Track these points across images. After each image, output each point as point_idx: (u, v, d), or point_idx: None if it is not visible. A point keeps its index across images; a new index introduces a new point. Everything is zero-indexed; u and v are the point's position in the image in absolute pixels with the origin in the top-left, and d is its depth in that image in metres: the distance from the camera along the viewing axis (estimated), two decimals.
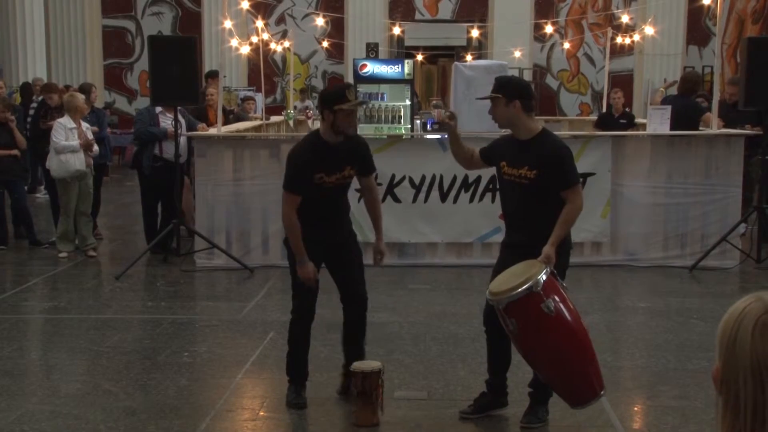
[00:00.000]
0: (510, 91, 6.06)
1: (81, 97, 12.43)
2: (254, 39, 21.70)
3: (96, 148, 12.16)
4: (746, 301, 1.92)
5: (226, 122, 13.14)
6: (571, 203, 5.99)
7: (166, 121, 11.97)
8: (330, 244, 6.57)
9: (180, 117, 11.85)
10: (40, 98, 14.96)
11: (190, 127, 12.23)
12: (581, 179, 11.00)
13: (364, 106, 16.13)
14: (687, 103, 12.73)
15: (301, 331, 6.62)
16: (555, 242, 5.91)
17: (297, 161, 6.39)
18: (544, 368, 5.84)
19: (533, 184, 5.97)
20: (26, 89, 18.37)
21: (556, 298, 5.66)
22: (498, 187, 6.48)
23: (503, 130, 6.49)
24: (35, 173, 17.80)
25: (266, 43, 22.00)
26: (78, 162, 11.84)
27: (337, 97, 6.34)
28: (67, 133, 11.84)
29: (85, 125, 12.15)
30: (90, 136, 12.07)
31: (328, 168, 6.37)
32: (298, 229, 6.31)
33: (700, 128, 12.22)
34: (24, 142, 13.02)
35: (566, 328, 5.66)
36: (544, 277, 5.66)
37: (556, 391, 5.90)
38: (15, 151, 12.70)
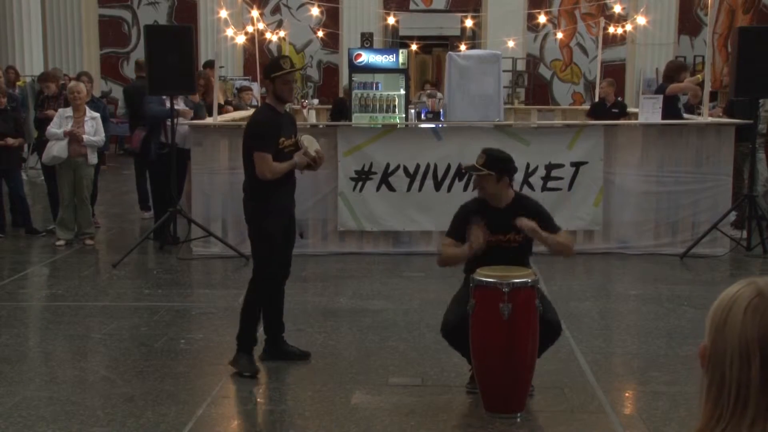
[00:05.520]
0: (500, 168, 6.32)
1: (83, 85, 12.46)
2: (250, 29, 21.72)
3: (87, 138, 12.05)
4: (740, 284, 1.96)
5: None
6: (569, 241, 6.40)
7: (176, 107, 12.02)
8: (290, 214, 7.15)
9: (184, 105, 11.97)
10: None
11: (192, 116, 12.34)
12: (575, 167, 11.28)
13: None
14: (659, 88, 13.46)
15: (270, 295, 7.14)
16: (540, 234, 6.16)
17: (264, 124, 6.99)
18: (475, 357, 6.19)
19: (523, 244, 6.34)
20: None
21: (520, 308, 5.95)
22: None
23: (495, 119, 6.65)
24: None
25: (262, 33, 22.03)
26: (57, 149, 11.88)
27: (274, 67, 6.97)
28: (62, 122, 11.93)
29: (91, 114, 12.19)
30: (89, 127, 12.01)
31: (285, 133, 6.98)
32: (282, 165, 6.84)
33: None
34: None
35: (506, 339, 5.98)
36: (519, 282, 5.98)
37: (479, 385, 6.22)
38: (19, 140, 12.78)
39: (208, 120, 12.03)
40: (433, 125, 12.89)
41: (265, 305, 7.14)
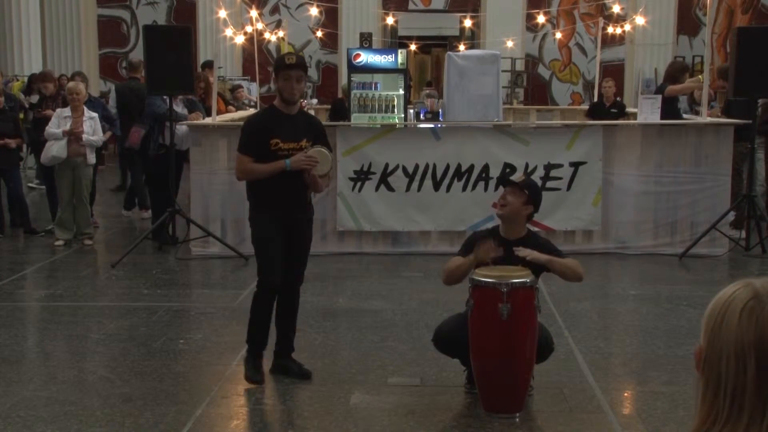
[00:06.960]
0: (533, 194, 6.37)
1: (82, 86, 12.47)
2: (249, 29, 21.70)
3: (86, 137, 12.04)
4: (736, 286, 1.94)
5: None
6: (575, 265, 6.31)
7: (175, 108, 12.02)
8: (286, 222, 6.80)
9: (183, 106, 11.99)
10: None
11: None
12: (574, 167, 11.29)
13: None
14: (659, 88, 13.53)
15: (267, 304, 6.86)
16: (542, 258, 6.18)
17: (249, 124, 6.89)
18: (474, 357, 6.19)
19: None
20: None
21: (518, 308, 5.94)
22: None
23: (494, 119, 6.62)
24: None
25: (260, 33, 22.01)
26: (56, 149, 11.89)
27: (278, 63, 6.82)
28: (60, 122, 11.93)
29: (89, 113, 12.17)
30: (88, 127, 12.01)
31: (283, 135, 6.67)
32: (258, 166, 6.66)
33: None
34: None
35: (505, 339, 5.97)
36: (517, 282, 5.97)
37: (478, 385, 6.21)
38: (18, 141, 12.81)
39: (207, 120, 12.03)
40: (432, 125, 12.87)
41: (257, 310, 6.91)
